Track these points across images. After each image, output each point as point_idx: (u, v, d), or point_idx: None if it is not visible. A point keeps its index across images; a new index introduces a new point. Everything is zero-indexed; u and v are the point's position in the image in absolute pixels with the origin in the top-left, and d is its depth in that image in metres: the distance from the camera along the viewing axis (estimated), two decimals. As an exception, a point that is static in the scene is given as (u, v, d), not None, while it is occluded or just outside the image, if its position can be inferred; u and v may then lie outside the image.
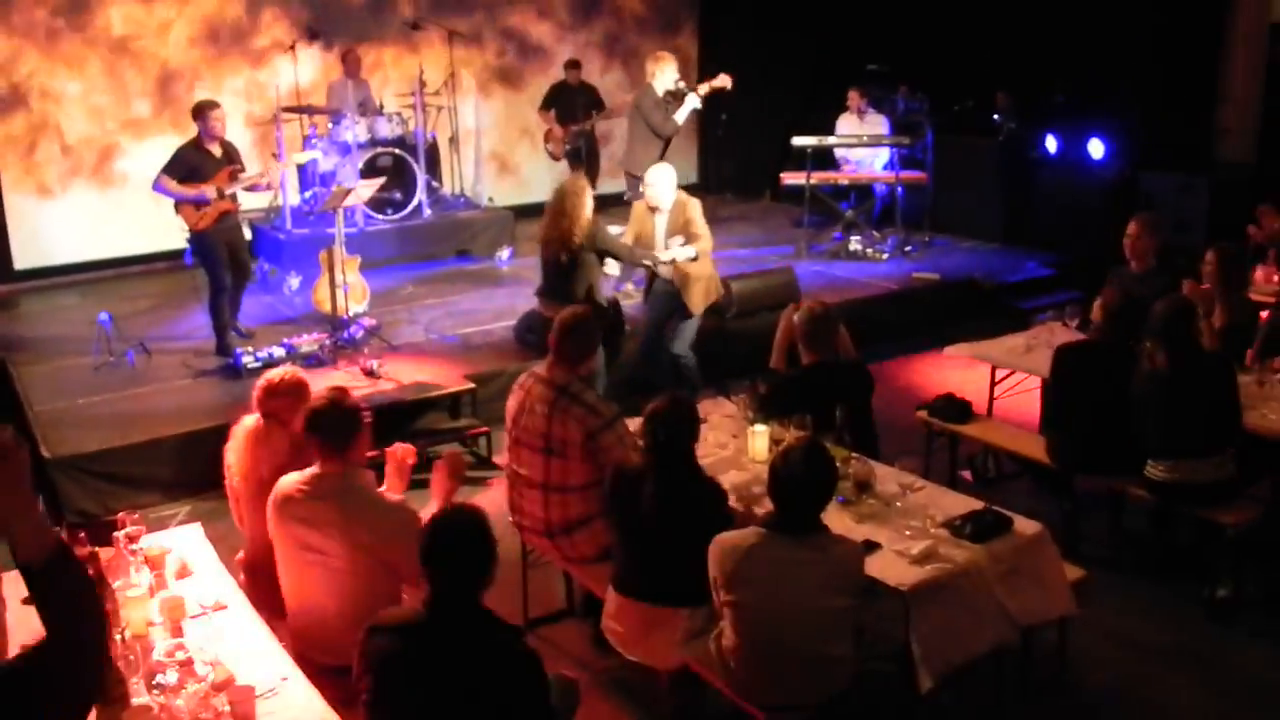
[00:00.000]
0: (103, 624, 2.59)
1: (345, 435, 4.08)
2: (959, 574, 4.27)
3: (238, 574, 4.57)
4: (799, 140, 10.98)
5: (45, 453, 6.65)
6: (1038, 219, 11.40)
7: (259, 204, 10.96)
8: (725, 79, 9.33)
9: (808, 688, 3.91)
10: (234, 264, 8.39)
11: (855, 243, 11.09)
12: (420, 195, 11.13)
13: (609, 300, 7.74)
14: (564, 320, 5.09)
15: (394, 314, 9.27)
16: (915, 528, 4.50)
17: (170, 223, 8.40)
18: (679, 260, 7.59)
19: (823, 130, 11.44)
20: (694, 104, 9.25)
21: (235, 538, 4.86)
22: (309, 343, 8.04)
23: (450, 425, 7.54)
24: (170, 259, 10.56)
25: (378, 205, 10.79)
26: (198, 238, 8.19)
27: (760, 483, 4.46)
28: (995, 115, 11.62)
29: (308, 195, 11.07)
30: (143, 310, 9.72)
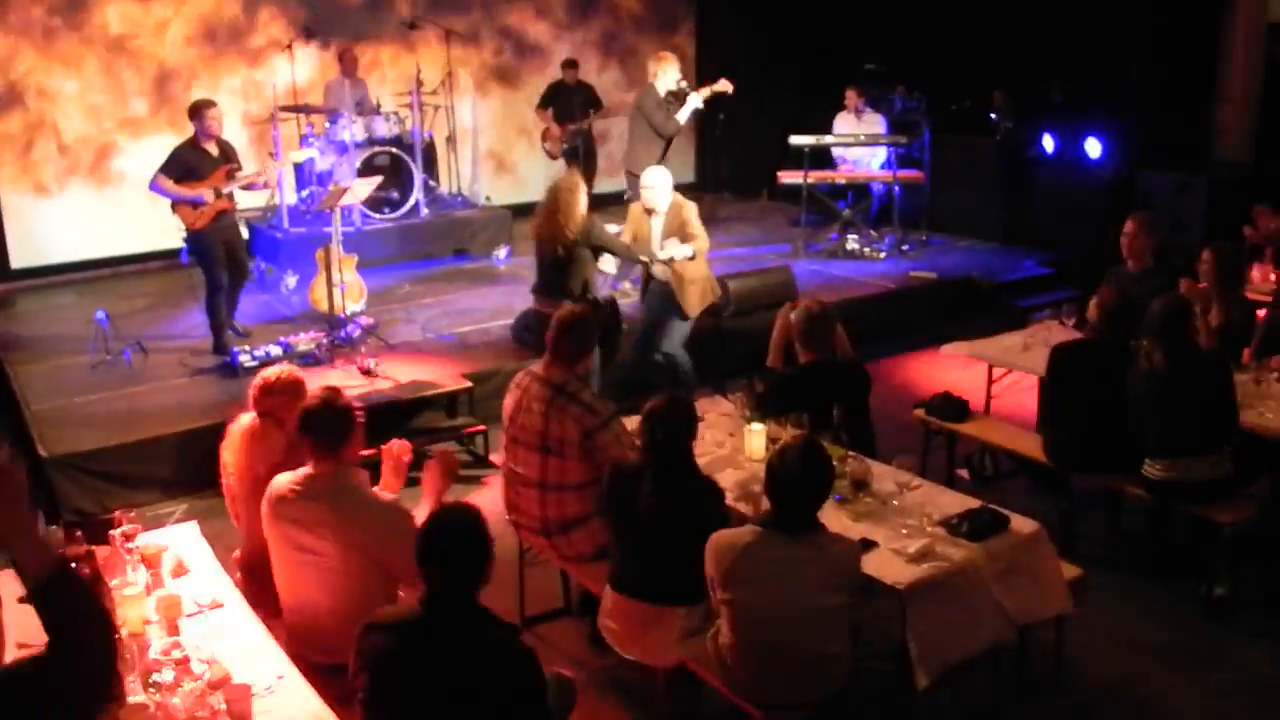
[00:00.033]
0: (109, 640, 2.58)
1: (338, 435, 4.07)
2: (956, 573, 4.27)
3: (234, 572, 4.57)
4: (796, 139, 10.98)
5: (42, 451, 6.64)
6: (1035, 218, 11.42)
7: (256, 203, 10.96)
8: (726, 84, 9.34)
9: (804, 686, 3.91)
10: (231, 263, 8.38)
11: (852, 242, 11.10)
12: (417, 194, 11.14)
13: (605, 299, 7.73)
14: (561, 319, 5.09)
15: (391, 313, 9.26)
16: (912, 526, 4.50)
17: (167, 222, 8.39)
18: (676, 259, 7.59)
19: (820, 129, 11.44)
20: (695, 104, 9.26)
21: (232, 536, 4.86)
22: (306, 341, 8.04)
23: (447, 424, 7.54)
24: (167, 258, 10.55)
25: (375, 204, 10.80)
26: (195, 237, 8.18)
27: (757, 481, 4.45)
28: (992, 114, 11.63)
29: (305, 194, 11.07)
30: (139, 309, 9.72)
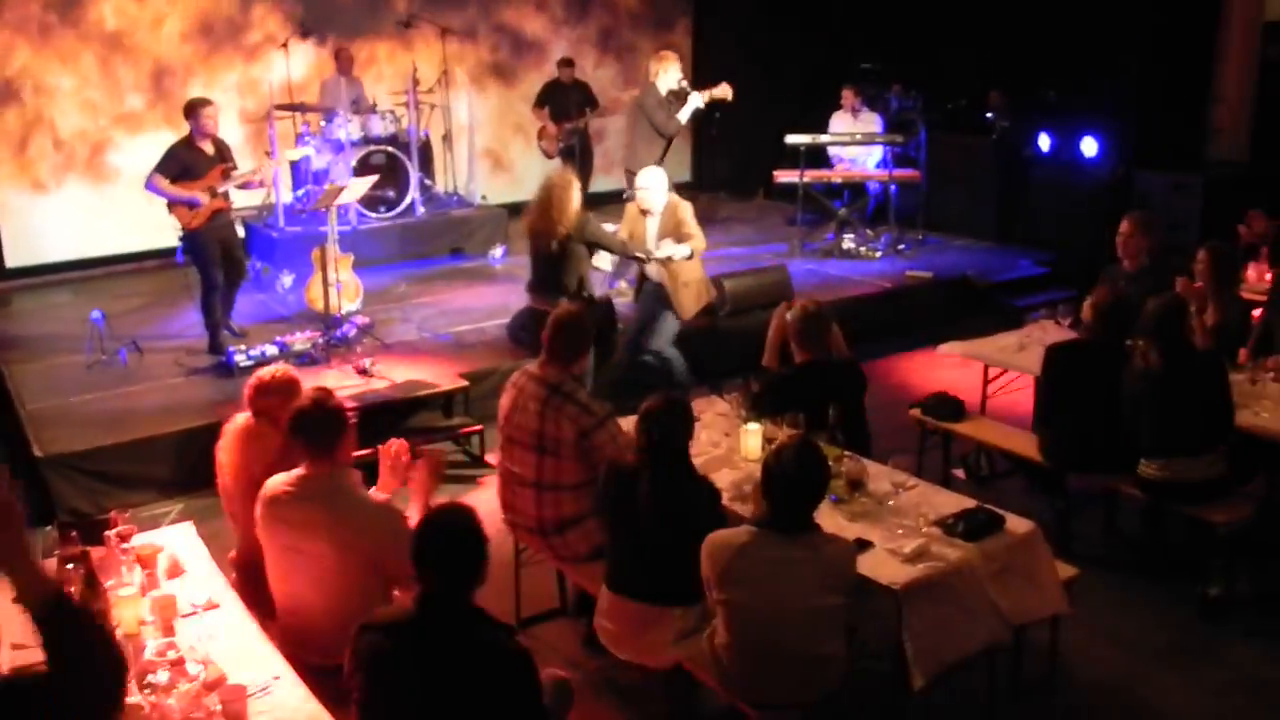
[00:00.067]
0: (115, 669, 2.60)
1: (330, 436, 4.06)
2: (951, 572, 4.27)
3: (230, 572, 4.56)
4: (792, 139, 10.98)
5: (37, 451, 6.63)
6: (1031, 217, 11.43)
7: (252, 202, 10.93)
8: (726, 89, 9.33)
9: (800, 686, 3.91)
10: (228, 262, 8.37)
11: (848, 241, 11.10)
12: (413, 193, 11.12)
13: (601, 298, 7.73)
14: (557, 318, 5.08)
15: (387, 312, 9.25)
16: (908, 526, 4.49)
17: (162, 220, 8.36)
18: (675, 258, 7.59)
19: (816, 129, 11.44)
20: (696, 103, 9.26)
21: (228, 536, 4.85)
22: (302, 341, 8.03)
23: (443, 424, 7.53)
24: (162, 257, 10.52)
25: (371, 203, 10.79)
26: (191, 236, 8.16)
27: (752, 481, 4.45)
28: (988, 114, 11.63)
29: (300, 193, 11.07)
30: (135, 308, 9.70)
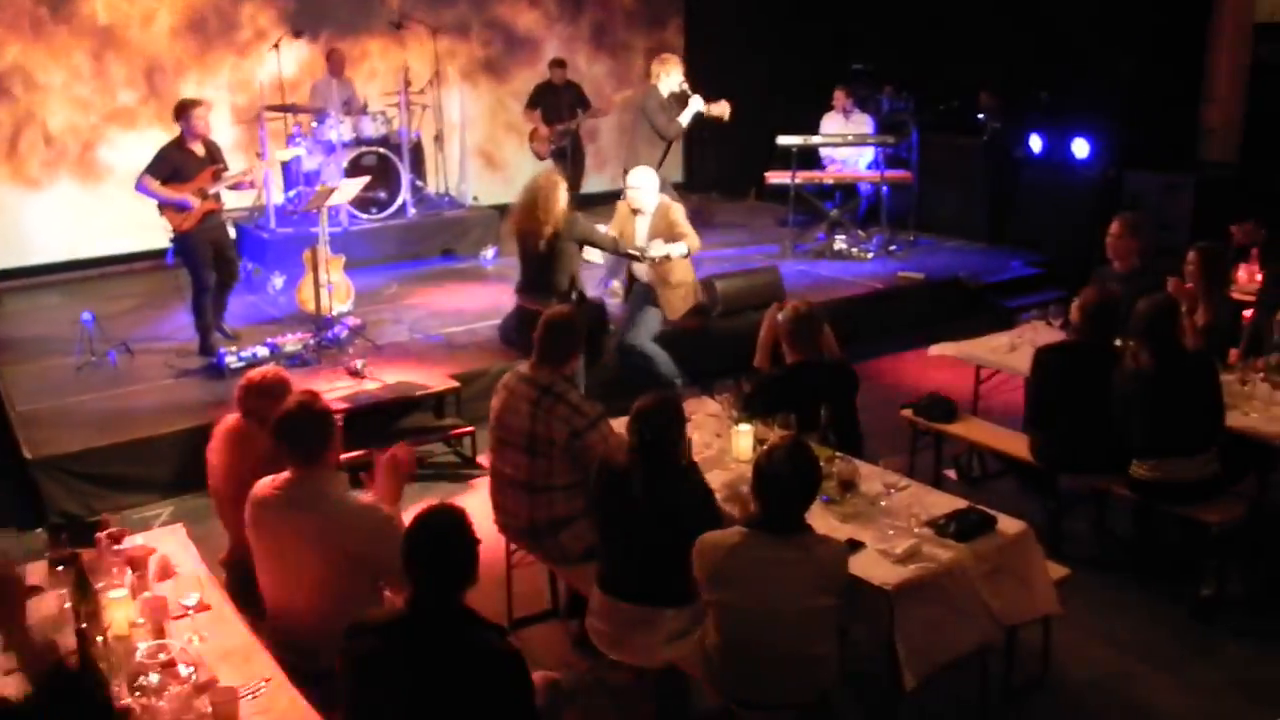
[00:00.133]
0: None
1: (317, 441, 4.04)
2: (943, 573, 4.27)
3: (221, 574, 4.55)
4: (784, 140, 10.98)
5: (27, 453, 6.61)
6: (1022, 218, 11.43)
7: (243, 204, 10.92)
8: (724, 108, 9.39)
9: (792, 687, 3.91)
10: (220, 263, 8.35)
11: (840, 242, 11.10)
12: (405, 194, 11.12)
13: (594, 299, 7.72)
14: (548, 320, 5.08)
15: (378, 313, 9.24)
16: (899, 527, 4.49)
17: (153, 221, 8.34)
18: (674, 256, 7.59)
19: (808, 130, 11.44)
20: (697, 107, 9.29)
21: (219, 538, 4.84)
22: (293, 342, 8.02)
23: (435, 425, 7.52)
24: (153, 258, 10.51)
25: (362, 204, 10.78)
26: (182, 238, 8.15)
27: (744, 482, 4.45)
28: (980, 115, 11.63)
29: (291, 194, 11.05)
30: (125, 310, 9.69)
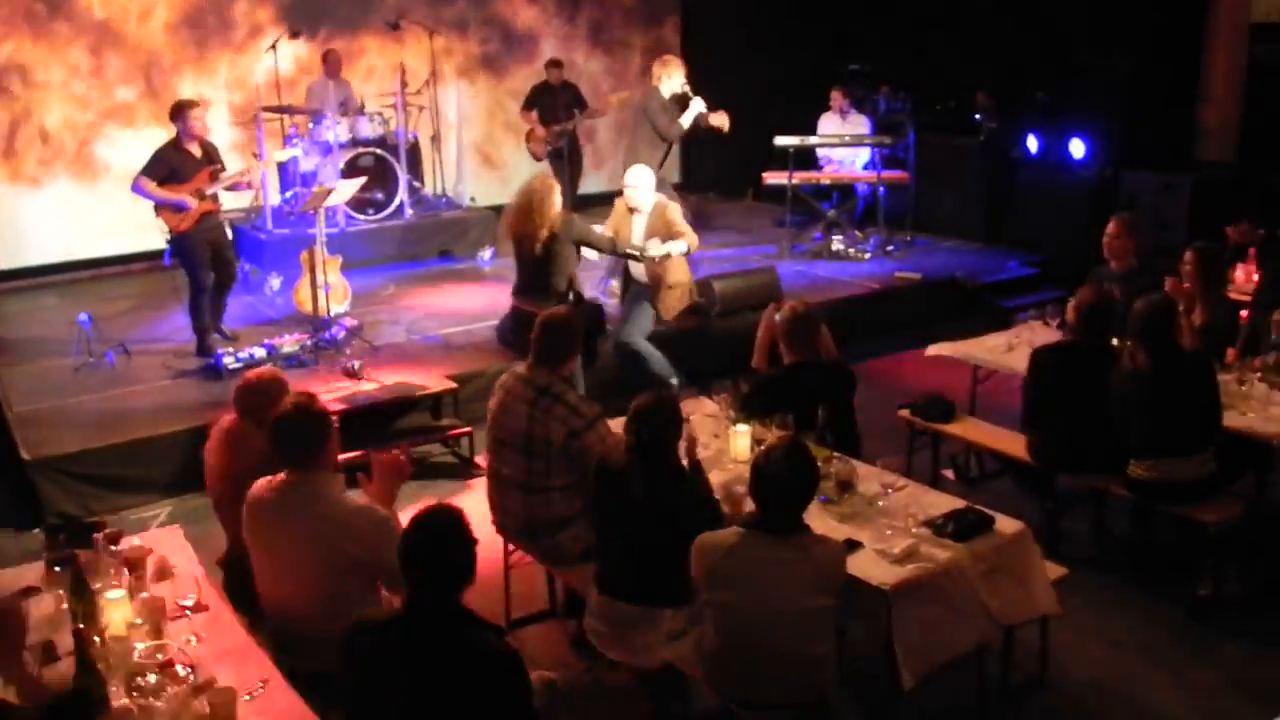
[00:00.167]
0: None
1: (312, 443, 4.04)
2: (941, 573, 4.27)
3: (218, 574, 4.55)
4: (781, 140, 10.97)
5: (25, 454, 6.60)
6: (1019, 218, 11.44)
7: (240, 204, 10.92)
8: (724, 120, 9.40)
9: (790, 687, 3.91)
10: (218, 264, 8.35)
11: (837, 242, 11.11)
12: (402, 195, 11.11)
13: (591, 299, 7.73)
14: (544, 321, 5.08)
15: (376, 314, 9.24)
16: (897, 527, 4.49)
17: (150, 222, 8.33)
18: (674, 254, 7.59)
19: (805, 130, 11.44)
20: (699, 108, 9.30)
21: (217, 538, 4.83)
22: (290, 343, 8.02)
23: (432, 426, 7.52)
24: (150, 259, 10.51)
25: (359, 205, 10.77)
26: (179, 239, 8.14)
27: (742, 482, 4.45)
28: (976, 115, 11.64)
29: (288, 195, 11.04)
30: (123, 311, 9.68)
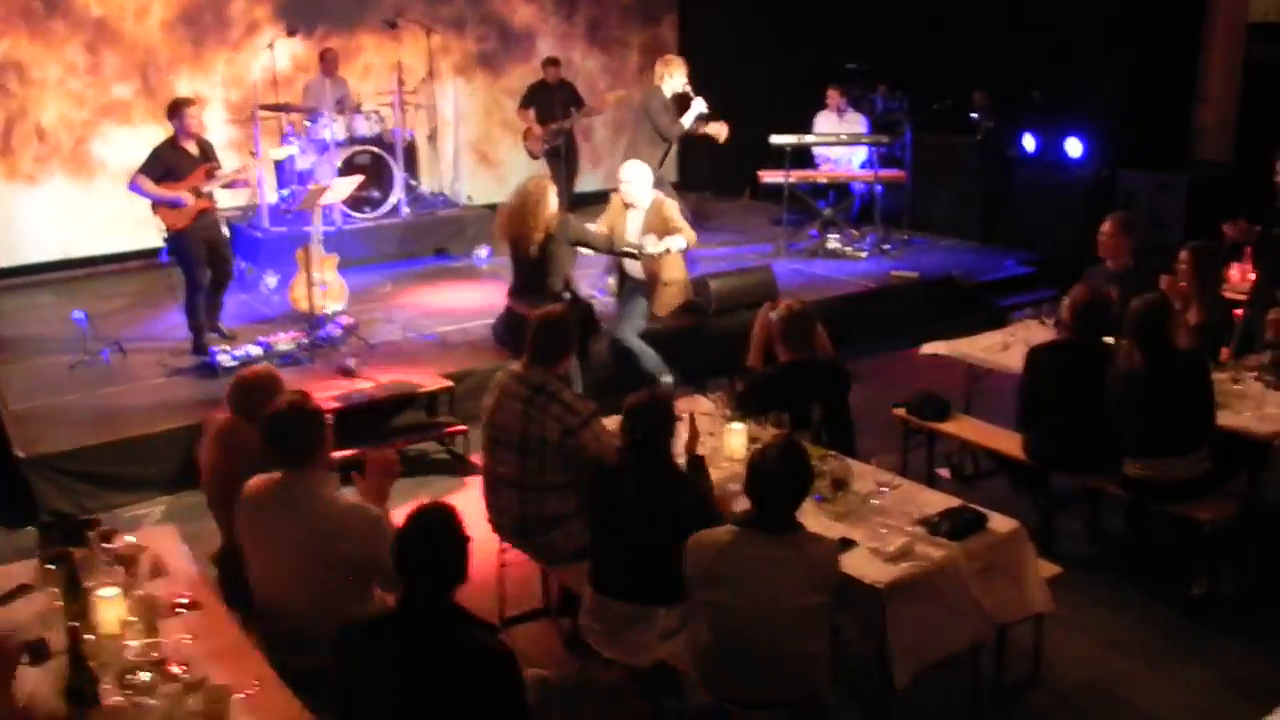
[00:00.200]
0: None
1: (307, 443, 4.03)
2: (935, 571, 4.27)
3: (213, 571, 4.55)
4: (778, 139, 10.96)
5: (19, 452, 6.60)
6: (1016, 217, 11.45)
7: (236, 202, 10.90)
8: (721, 130, 9.41)
9: (784, 685, 3.91)
10: (215, 262, 8.34)
11: (834, 241, 11.11)
12: (398, 194, 11.11)
13: (586, 297, 7.73)
14: (539, 319, 5.08)
15: (372, 312, 9.23)
16: (892, 525, 4.49)
17: (146, 219, 8.33)
18: (672, 250, 7.59)
19: (801, 129, 11.44)
20: (700, 109, 9.32)
21: (211, 536, 4.83)
22: (286, 341, 8.02)
23: (428, 423, 7.51)
24: (146, 257, 10.49)
25: (355, 204, 10.77)
26: (176, 237, 8.13)
27: (736, 481, 4.45)
28: (973, 114, 11.64)
29: (285, 193, 11.04)
30: (118, 309, 9.67)
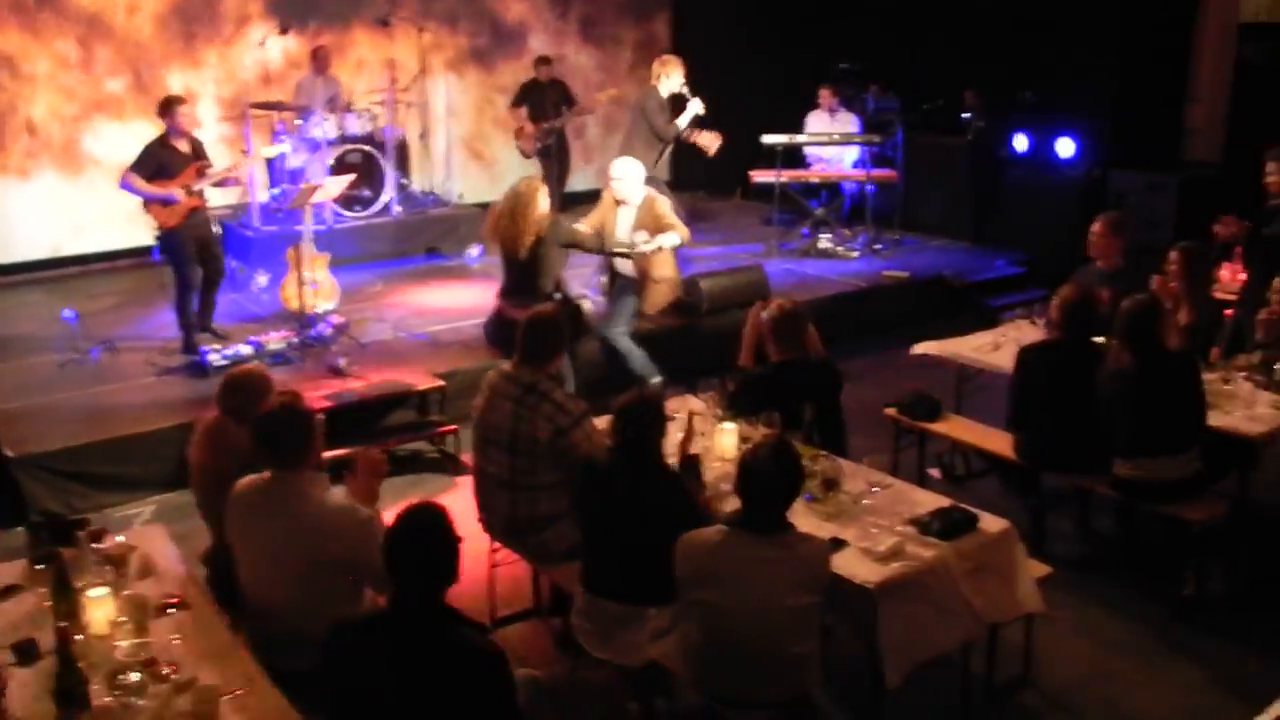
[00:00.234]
0: None
1: (296, 444, 4.02)
2: (926, 571, 4.27)
3: (202, 571, 4.54)
4: (769, 138, 10.96)
5: (8, 451, 6.58)
6: (1007, 217, 11.46)
7: (227, 201, 10.88)
8: (715, 142, 9.43)
9: (775, 685, 3.90)
10: (207, 259, 8.32)
11: (825, 241, 11.12)
12: (390, 192, 11.09)
13: (577, 296, 7.72)
14: (530, 320, 5.09)
15: (363, 312, 9.21)
16: (882, 525, 4.49)
17: (137, 217, 8.31)
18: (665, 246, 7.60)
19: (792, 128, 11.44)
20: (696, 109, 9.31)
21: (201, 536, 4.83)
22: (277, 340, 8.00)
23: (419, 423, 7.50)
24: (136, 256, 10.47)
25: (347, 202, 10.76)
26: (167, 235, 8.11)
27: (727, 480, 4.45)
28: (965, 114, 11.65)
29: (276, 192, 11.01)
30: (108, 308, 9.65)
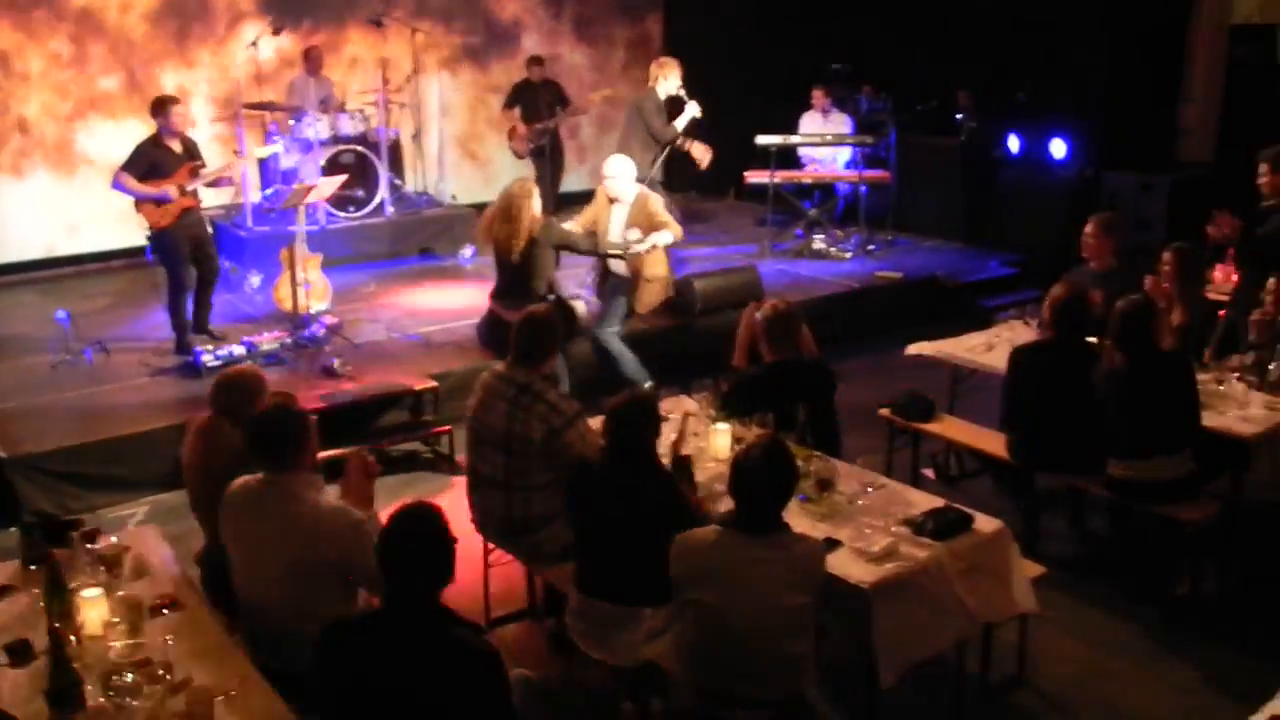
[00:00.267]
0: None
1: (290, 446, 4.01)
2: (920, 571, 4.28)
3: (196, 571, 4.53)
4: (763, 139, 10.96)
5: (2, 452, 6.57)
6: (1000, 218, 11.48)
7: (220, 201, 10.86)
8: (707, 154, 9.44)
9: (768, 685, 3.91)
10: (200, 260, 8.30)
11: (818, 241, 11.12)
12: (383, 193, 11.08)
13: (571, 295, 7.73)
14: (526, 319, 5.09)
15: (356, 312, 9.21)
16: (876, 526, 4.49)
17: (130, 217, 8.29)
18: (659, 245, 7.60)
19: (786, 129, 11.45)
20: (694, 112, 9.32)
21: (195, 536, 4.82)
22: (270, 341, 8.00)
23: (412, 423, 7.50)
24: (129, 256, 10.45)
25: (340, 203, 10.75)
26: (159, 235, 8.09)
27: (721, 481, 4.45)
28: (958, 115, 11.67)
29: (269, 192, 10.99)
30: (101, 308, 9.63)
